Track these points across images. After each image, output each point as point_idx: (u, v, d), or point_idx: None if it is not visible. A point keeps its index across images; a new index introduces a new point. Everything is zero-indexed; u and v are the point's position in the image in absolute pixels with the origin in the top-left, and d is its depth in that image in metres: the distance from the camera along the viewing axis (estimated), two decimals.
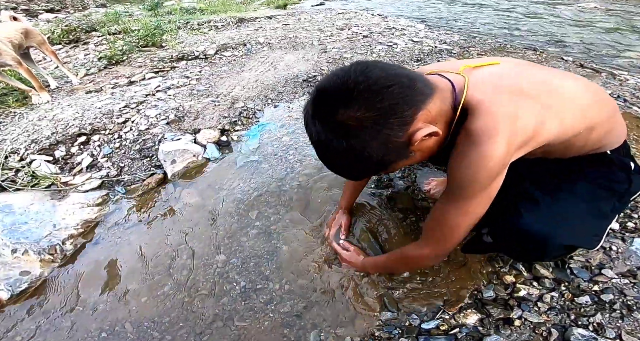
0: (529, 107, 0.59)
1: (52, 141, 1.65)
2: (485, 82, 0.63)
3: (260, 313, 0.92)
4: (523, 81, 0.63)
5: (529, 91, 0.61)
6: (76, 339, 0.89)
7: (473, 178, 0.60)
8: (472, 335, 0.79)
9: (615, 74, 2.03)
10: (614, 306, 0.79)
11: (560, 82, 0.65)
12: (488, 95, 0.61)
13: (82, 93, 2.26)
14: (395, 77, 0.54)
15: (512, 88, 0.61)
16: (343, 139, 0.55)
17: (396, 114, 0.54)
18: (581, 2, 3.94)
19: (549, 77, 0.66)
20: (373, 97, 0.53)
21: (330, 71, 0.59)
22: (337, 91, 0.54)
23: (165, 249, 1.12)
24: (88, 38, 3.62)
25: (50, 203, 1.28)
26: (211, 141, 1.58)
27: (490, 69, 0.68)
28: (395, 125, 0.54)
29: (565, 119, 0.62)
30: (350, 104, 0.53)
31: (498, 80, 0.64)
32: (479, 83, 0.63)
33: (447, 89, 0.62)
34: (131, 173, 1.45)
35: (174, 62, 2.67)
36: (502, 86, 0.62)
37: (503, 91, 0.61)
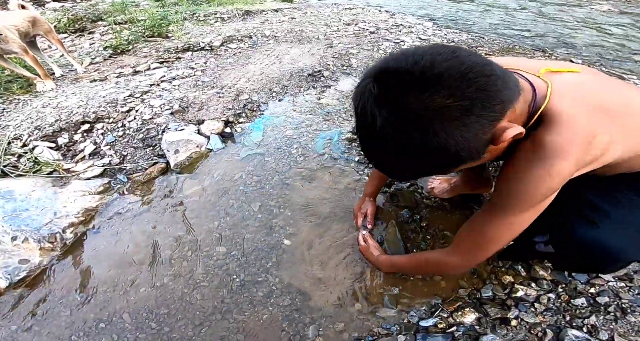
0: (606, 127, 0.55)
1: (56, 128, 1.64)
2: (567, 92, 0.57)
3: (259, 307, 0.91)
4: (605, 97, 0.58)
5: (609, 108, 0.56)
6: (74, 329, 0.89)
7: (531, 193, 0.56)
8: (469, 333, 0.79)
9: (625, 78, 1.99)
10: (608, 308, 0.79)
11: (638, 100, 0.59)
12: (568, 106, 0.55)
13: (87, 82, 2.25)
14: (491, 66, 0.47)
15: (594, 103, 0.56)
16: (419, 131, 0.45)
17: (490, 106, 0.46)
18: (594, 4, 3.87)
19: (630, 94, 0.61)
20: (466, 83, 0.44)
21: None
22: (420, 72, 0.44)
23: (165, 240, 1.11)
24: (94, 27, 3.61)
25: (51, 190, 1.27)
26: (215, 132, 1.57)
27: (572, 77, 0.61)
28: (486, 119, 0.46)
29: (634, 144, 0.58)
30: (437, 89, 0.43)
31: (579, 91, 0.58)
32: (561, 91, 0.57)
33: (528, 91, 0.56)
34: (134, 162, 1.44)
35: (180, 53, 2.65)
36: (583, 98, 0.57)
37: (584, 104, 0.56)
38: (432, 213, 1.13)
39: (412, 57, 0.46)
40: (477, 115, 0.45)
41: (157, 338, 0.86)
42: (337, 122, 1.64)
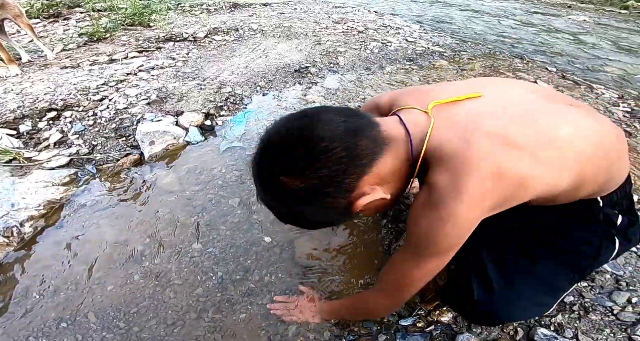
0: (514, 160, 0.48)
1: (18, 114, 1.52)
2: (459, 124, 0.52)
3: (237, 305, 0.86)
4: (510, 124, 0.50)
5: (516, 137, 0.49)
6: (30, 329, 0.81)
7: (431, 241, 0.53)
8: (445, 332, 0.79)
9: (593, 87, 2.10)
10: (573, 307, 0.82)
11: (560, 125, 0.51)
12: (458, 142, 0.50)
13: (57, 68, 2.11)
14: (338, 137, 0.49)
15: (495, 133, 0.49)
16: (284, 206, 0.55)
17: (336, 182, 0.49)
18: (572, 14, 4.07)
19: (546, 116, 0.52)
20: (312, 163, 0.48)
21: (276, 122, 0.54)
22: (280, 153, 0.51)
23: (136, 235, 1.04)
24: (70, 14, 3.40)
25: (9, 180, 1.16)
26: (194, 124, 1.50)
27: (470, 105, 0.55)
28: (335, 193, 0.50)
29: (557, 178, 0.51)
30: (290, 170, 0.49)
31: (477, 120, 0.51)
32: (450, 126, 0.53)
33: (402, 140, 0.54)
34: (104, 152, 1.35)
35: (161, 42, 2.54)
36: (480, 129, 0.50)
37: (481, 136, 0.49)
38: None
39: (282, 133, 0.52)
40: (325, 192, 0.50)
41: (126, 338, 0.79)
42: None
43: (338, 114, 0.52)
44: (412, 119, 0.56)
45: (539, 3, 4.72)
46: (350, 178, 0.50)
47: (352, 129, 0.50)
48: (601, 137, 0.54)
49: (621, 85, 2.18)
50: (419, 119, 0.56)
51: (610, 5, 4.73)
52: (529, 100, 0.57)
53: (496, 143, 0.48)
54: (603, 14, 4.27)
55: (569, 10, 4.34)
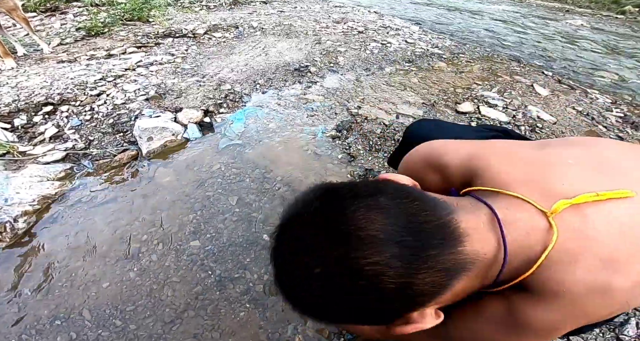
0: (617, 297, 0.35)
1: (13, 108, 1.49)
2: (596, 251, 0.35)
3: (236, 304, 0.85)
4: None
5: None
6: (23, 326, 0.79)
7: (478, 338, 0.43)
8: None
9: (588, 92, 2.12)
10: None
11: None
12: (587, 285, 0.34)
13: (54, 63, 2.08)
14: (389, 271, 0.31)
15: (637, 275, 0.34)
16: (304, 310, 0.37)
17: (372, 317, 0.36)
18: (569, 19, 4.12)
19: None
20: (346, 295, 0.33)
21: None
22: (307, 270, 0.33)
23: (133, 232, 1.02)
24: (67, 8, 3.35)
25: (2, 175, 1.14)
26: (193, 121, 1.49)
27: (617, 214, 0.36)
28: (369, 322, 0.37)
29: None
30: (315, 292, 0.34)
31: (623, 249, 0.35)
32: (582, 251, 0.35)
33: (491, 260, 0.36)
34: (101, 147, 1.33)
35: (160, 38, 2.51)
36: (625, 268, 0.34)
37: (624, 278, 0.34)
38: None
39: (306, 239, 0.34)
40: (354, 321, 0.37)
41: (122, 336, 0.78)
42: (321, 119, 1.61)
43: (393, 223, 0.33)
44: (518, 225, 0.37)
45: (537, 7, 4.77)
46: (391, 317, 0.36)
47: (411, 263, 0.32)
48: None
49: (615, 90, 2.21)
50: (532, 225, 0.36)
51: (607, 10, 4.79)
52: None
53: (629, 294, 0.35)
54: (600, 18, 4.33)
55: (566, 15, 4.39)
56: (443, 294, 0.35)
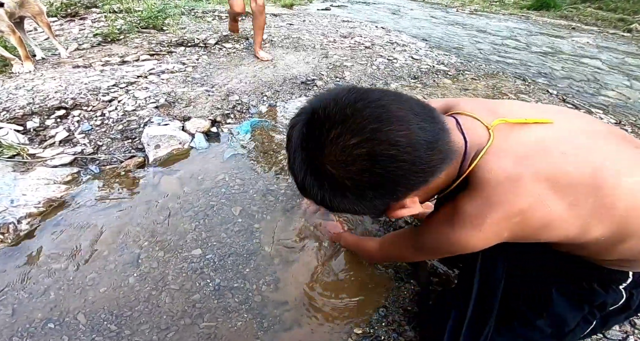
0: (551, 205, 0.46)
1: (27, 111, 1.54)
2: (518, 152, 0.48)
3: (233, 313, 0.85)
4: (568, 165, 0.46)
5: (567, 181, 0.46)
6: (15, 329, 0.79)
7: (433, 247, 0.59)
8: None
9: (592, 111, 2.13)
10: None
11: (627, 173, 0.47)
12: (507, 175, 0.47)
13: (69, 67, 2.14)
14: (412, 148, 0.42)
15: (548, 176, 0.46)
16: (314, 187, 0.46)
17: (383, 190, 0.44)
18: (575, 36, 4.16)
19: (606, 164, 0.47)
20: (370, 166, 0.41)
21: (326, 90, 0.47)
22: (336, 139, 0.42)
23: (135, 238, 1.03)
24: (87, 14, 3.48)
25: (11, 176, 1.17)
26: (200, 130, 1.52)
27: (537, 131, 0.50)
28: (377, 198, 0.45)
29: (592, 225, 0.47)
30: (340, 164, 0.42)
31: (537, 153, 0.48)
32: (507, 152, 0.49)
33: (459, 152, 0.50)
34: (109, 153, 1.36)
35: (172, 47, 2.59)
36: (536, 163, 0.47)
37: (531, 172, 0.46)
38: None
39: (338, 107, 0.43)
40: (365, 196, 0.45)
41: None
42: None
43: (413, 112, 0.44)
44: (472, 130, 0.51)
45: (543, 24, 4.84)
46: (402, 191, 0.46)
47: (429, 141, 0.43)
48: None
49: (620, 110, 2.21)
50: (479, 132, 0.51)
51: (613, 28, 4.83)
52: (600, 135, 0.51)
53: (543, 188, 0.46)
54: (606, 36, 4.37)
55: (572, 32, 4.44)
56: (437, 177, 0.47)
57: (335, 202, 0.47)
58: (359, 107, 0.42)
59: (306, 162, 0.45)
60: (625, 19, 5.07)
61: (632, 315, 0.62)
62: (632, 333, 0.83)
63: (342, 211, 0.50)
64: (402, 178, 0.43)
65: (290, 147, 0.48)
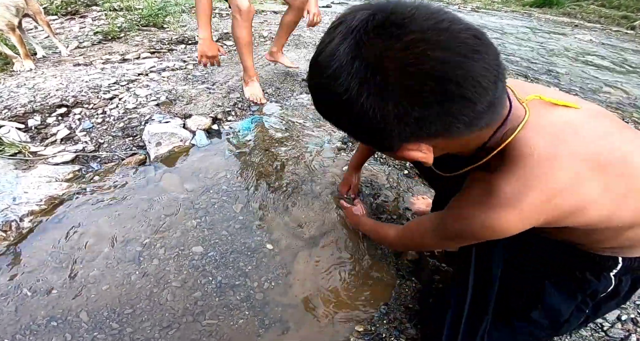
0: (587, 186, 0.45)
1: (28, 109, 1.54)
2: (550, 128, 0.47)
3: (235, 311, 0.85)
4: (601, 148, 0.46)
5: (602, 163, 0.45)
6: (18, 327, 0.80)
7: (462, 232, 0.54)
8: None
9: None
10: None
11: (636, 152, 0.48)
12: (544, 147, 0.45)
13: (70, 65, 2.14)
14: (483, 88, 0.37)
15: (584, 153, 0.45)
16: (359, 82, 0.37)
17: (427, 119, 0.38)
18: (578, 34, 4.13)
19: (631, 149, 0.48)
20: (438, 84, 0.35)
21: None
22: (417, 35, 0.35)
23: (136, 235, 1.03)
24: (87, 12, 3.47)
25: (13, 174, 1.17)
26: (201, 128, 1.51)
27: (567, 113, 0.49)
28: (413, 125, 0.38)
29: (622, 210, 0.48)
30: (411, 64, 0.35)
31: (571, 134, 0.47)
32: (543, 129, 0.47)
33: (501, 118, 0.46)
34: (110, 151, 1.36)
35: (173, 44, 2.58)
36: (572, 144, 0.46)
37: (569, 152, 0.45)
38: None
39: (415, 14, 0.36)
40: (406, 119, 0.38)
41: (118, 339, 0.78)
42: (327, 130, 1.62)
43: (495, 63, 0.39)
44: (514, 103, 0.48)
45: (545, 22, 4.80)
46: (436, 128, 0.39)
47: (492, 90, 0.38)
48: None
49: (622, 107, 2.20)
50: (516, 105, 0.48)
51: (617, 26, 4.79)
52: (620, 127, 0.52)
53: (581, 167, 0.45)
54: (609, 33, 4.33)
55: (575, 30, 4.40)
56: (468, 130, 0.40)
57: (363, 104, 0.37)
58: (451, 28, 0.36)
59: (363, 48, 0.36)
60: (629, 17, 5.02)
61: (621, 302, 0.64)
62: (634, 331, 0.83)
63: (357, 123, 0.41)
64: (449, 115, 0.38)
65: (339, 29, 0.39)
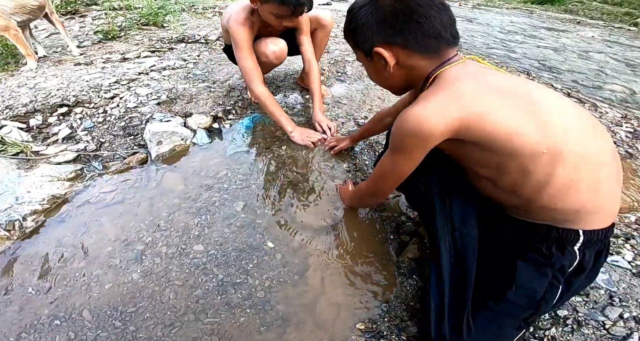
0: (487, 97, 0.59)
1: (29, 108, 1.54)
2: (471, 71, 0.65)
3: (237, 309, 0.86)
4: (506, 83, 0.63)
5: (503, 90, 0.61)
6: (22, 325, 0.80)
7: (392, 133, 0.67)
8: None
9: (598, 105, 2.09)
10: (567, 321, 0.83)
11: (547, 96, 0.62)
12: (457, 75, 0.63)
13: (70, 65, 2.15)
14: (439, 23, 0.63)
15: (489, 81, 0.62)
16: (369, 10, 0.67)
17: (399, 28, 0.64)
18: (580, 31, 4.10)
19: (535, 88, 0.64)
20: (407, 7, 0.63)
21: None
22: None
23: (138, 234, 1.04)
24: (87, 11, 3.47)
25: (15, 173, 1.17)
26: (202, 126, 1.51)
27: (490, 70, 0.67)
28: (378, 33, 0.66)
29: (517, 127, 0.57)
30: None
31: (482, 74, 0.65)
32: (465, 69, 0.65)
33: (440, 62, 0.67)
34: (112, 150, 1.36)
35: (173, 43, 2.58)
36: (480, 77, 0.63)
37: (475, 77, 0.63)
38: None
39: None
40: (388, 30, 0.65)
41: (121, 338, 0.79)
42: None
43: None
44: (457, 56, 0.69)
45: (547, 18, 4.77)
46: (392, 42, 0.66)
47: (440, 32, 0.64)
48: (593, 123, 0.63)
49: (626, 104, 2.18)
50: (457, 58, 0.68)
51: (619, 22, 4.75)
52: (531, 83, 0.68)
53: (482, 85, 0.61)
54: (612, 30, 4.30)
55: (577, 26, 4.37)
56: (421, 50, 0.66)
57: (361, 17, 0.68)
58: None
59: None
60: (632, 13, 4.98)
61: (591, 276, 0.70)
62: (636, 329, 0.83)
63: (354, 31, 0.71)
64: (407, 31, 0.64)
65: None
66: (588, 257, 0.64)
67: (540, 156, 0.57)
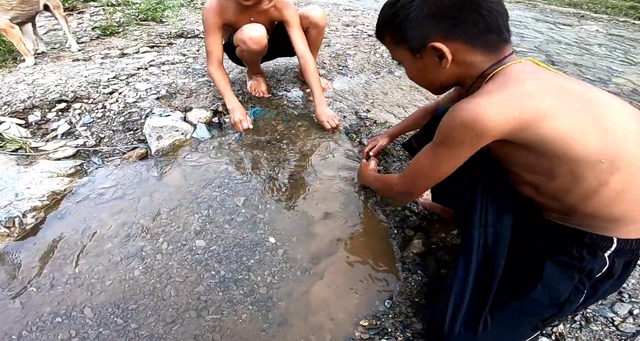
0: (548, 100, 0.56)
1: (28, 105, 1.52)
2: (531, 70, 0.61)
3: (239, 305, 0.84)
4: (567, 83, 0.60)
5: (564, 89, 0.58)
6: (24, 323, 0.79)
7: (441, 125, 0.62)
8: None
9: None
10: (575, 317, 0.82)
11: (614, 104, 0.59)
12: (519, 74, 0.59)
13: (69, 61, 2.12)
14: (494, 19, 0.59)
15: (551, 82, 0.59)
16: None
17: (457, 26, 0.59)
18: (584, 24, 4.03)
19: (595, 92, 0.60)
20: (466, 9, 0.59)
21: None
22: None
23: (139, 230, 1.02)
24: (85, 7, 3.44)
25: (14, 169, 1.16)
26: (202, 121, 1.49)
27: (549, 72, 0.63)
28: (436, 27, 0.60)
29: (576, 130, 0.54)
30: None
31: (545, 75, 0.60)
32: (524, 69, 0.61)
33: (498, 59, 0.63)
34: (111, 145, 1.34)
35: (172, 38, 2.55)
36: (542, 77, 0.60)
37: (534, 78, 0.59)
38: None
39: None
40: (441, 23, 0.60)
41: (123, 335, 0.78)
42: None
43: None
44: (513, 56, 0.65)
45: (551, 12, 4.70)
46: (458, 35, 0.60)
47: (499, 28, 0.60)
48: None
49: (630, 98, 2.15)
50: (513, 57, 0.65)
51: (624, 16, 4.67)
52: (586, 84, 0.64)
53: (544, 86, 0.58)
54: (617, 24, 4.23)
55: (581, 20, 4.30)
56: (477, 43, 0.61)
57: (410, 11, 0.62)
58: None
59: None
60: (636, 7, 4.90)
61: (617, 284, 0.68)
62: None
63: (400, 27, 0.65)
64: (462, 21, 0.59)
65: None
66: (617, 265, 0.63)
67: (597, 164, 0.55)
